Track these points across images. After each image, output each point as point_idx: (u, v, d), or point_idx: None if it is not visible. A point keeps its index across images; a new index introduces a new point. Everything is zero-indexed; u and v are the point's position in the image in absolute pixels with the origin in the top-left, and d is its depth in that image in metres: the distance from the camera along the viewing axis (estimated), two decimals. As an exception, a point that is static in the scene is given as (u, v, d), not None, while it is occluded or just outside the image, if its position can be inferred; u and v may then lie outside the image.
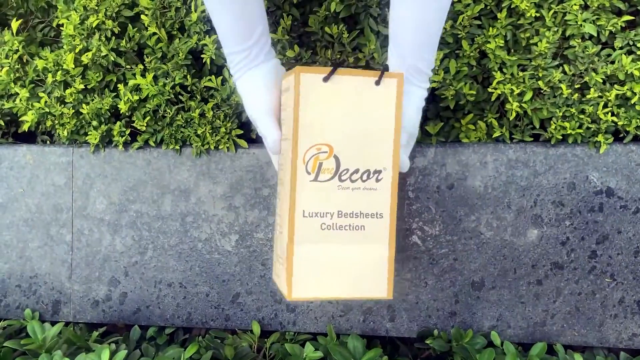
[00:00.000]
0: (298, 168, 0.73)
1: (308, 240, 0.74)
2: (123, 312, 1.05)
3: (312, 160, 0.73)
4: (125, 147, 1.03)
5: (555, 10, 0.92)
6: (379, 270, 0.76)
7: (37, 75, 1.06)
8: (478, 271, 0.97)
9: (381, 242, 0.76)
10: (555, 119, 0.92)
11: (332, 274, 0.75)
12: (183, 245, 1.03)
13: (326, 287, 0.75)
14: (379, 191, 0.75)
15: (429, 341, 0.94)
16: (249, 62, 0.80)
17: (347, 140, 0.74)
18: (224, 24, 0.78)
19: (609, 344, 0.95)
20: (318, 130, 0.73)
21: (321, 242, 0.74)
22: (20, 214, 1.07)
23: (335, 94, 0.73)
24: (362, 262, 0.76)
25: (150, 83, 0.98)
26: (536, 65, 0.92)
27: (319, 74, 0.72)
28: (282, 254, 0.76)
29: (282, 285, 0.77)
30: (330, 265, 0.75)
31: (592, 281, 0.94)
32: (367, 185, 0.75)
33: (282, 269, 0.76)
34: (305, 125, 0.72)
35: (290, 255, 0.73)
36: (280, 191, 0.80)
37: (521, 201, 0.94)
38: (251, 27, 0.78)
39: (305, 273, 0.74)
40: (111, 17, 1.00)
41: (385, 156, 0.75)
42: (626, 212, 0.93)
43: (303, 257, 0.73)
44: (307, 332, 1.02)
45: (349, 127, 0.74)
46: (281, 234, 0.77)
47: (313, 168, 0.73)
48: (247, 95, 0.81)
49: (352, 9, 0.96)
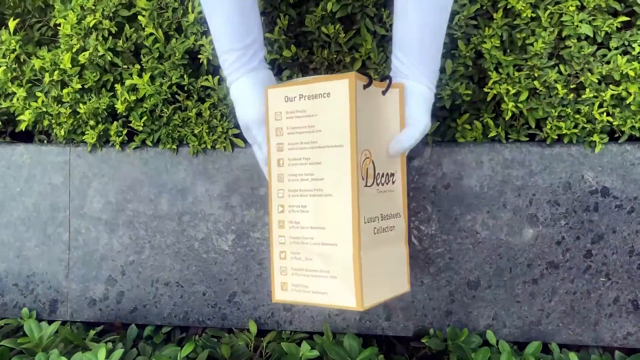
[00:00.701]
0: (357, 175, 0.72)
1: (368, 246, 0.73)
2: (120, 311, 1.05)
3: (363, 166, 0.73)
4: (122, 147, 1.03)
5: (551, 10, 0.92)
6: (402, 267, 0.82)
7: (34, 75, 1.06)
8: (474, 270, 0.97)
9: (403, 240, 0.82)
10: (551, 119, 0.92)
11: (382, 276, 0.77)
12: (180, 245, 1.03)
13: (381, 289, 0.76)
14: (395, 192, 0.80)
15: (424, 340, 0.94)
16: (242, 65, 0.79)
17: (377, 146, 0.76)
18: (220, 21, 0.78)
19: (604, 343, 0.95)
20: (364, 137, 0.73)
21: (376, 246, 0.75)
22: (17, 213, 1.07)
23: (366, 101, 0.73)
24: (395, 261, 0.80)
25: (147, 83, 0.98)
26: (532, 65, 0.92)
27: (361, 82, 0.72)
28: (331, 265, 0.73)
29: (337, 297, 0.73)
30: (380, 267, 0.76)
31: (587, 280, 0.95)
32: (389, 187, 0.79)
33: (336, 281, 0.73)
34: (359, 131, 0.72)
35: (358, 263, 0.71)
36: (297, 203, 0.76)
37: (517, 201, 0.95)
38: (247, 27, 0.78)
39: (369, 279, 0.73)
40: (108, 17, 1.01)
41: (395, 159, 0.80)
42: (621, 211, 0.93)
43: (366, 263, 0.72)
44: (304, 331, 1.02)
45: (375, 133, 0.75)
46: (331, 246, 0.73)
47: (364, 174, 0.73)
48: (243, 101, 0.80)
49: (348, 9, 0.96)
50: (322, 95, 0.73)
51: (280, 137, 0.76)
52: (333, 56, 0.99)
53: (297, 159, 0.75)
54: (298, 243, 0.75)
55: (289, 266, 0.76)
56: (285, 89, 0.75)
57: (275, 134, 0.76)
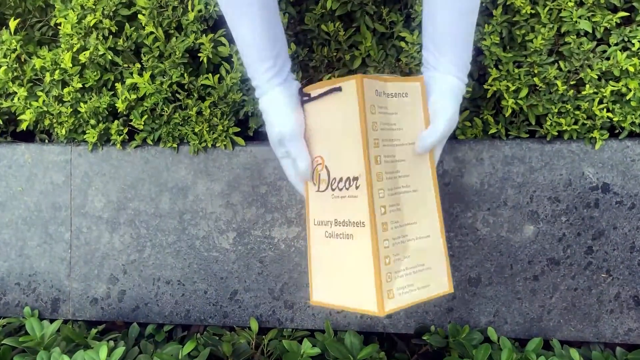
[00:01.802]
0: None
1: None
2: (121, 309, 1.06)
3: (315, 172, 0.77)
4: (123, 146, 1.03)
5: (550, 7, 0.92)
6: (368, 282, 0.71)
7: (35, 74, 1.06)
8: (474, 267, 0.97)
9: (365, 252, 0.71)
10: (551, 116, 0.92)
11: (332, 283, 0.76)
12: (181, 243, 1.03)
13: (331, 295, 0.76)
14: (358, 198, 0.72)
15: (426, 337, 0.94)
16: (274, 76, 0.76)
17: (331, 151, 0.75)
18: (248, 31, 0.75)
19: (605, 339, 0.95)
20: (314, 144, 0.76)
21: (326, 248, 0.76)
22: (19, 212, 1.07)
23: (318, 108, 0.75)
24: (354, 273, 0.72)
25: (147, 81, 0.98)
26: (532, 61, 0.92)
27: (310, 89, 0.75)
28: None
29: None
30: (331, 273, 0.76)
31: (588, 277, 0.95)
32: (350, 193, 0.73)
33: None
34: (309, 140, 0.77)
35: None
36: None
37: (517, 197, 0.95)
38: (274, 35, 0.76)
39: None
40: (108, 16, 1.01)
41: (358, 162, 0.71)
42: (622, 207, 0.93)
43: None
44: (305, 329, 1.02)
45: (331, 137, 0.75)
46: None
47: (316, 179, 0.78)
48: (276, 113, 0.77)
49: (348, 7, 0.96)
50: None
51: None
52: (333, 54, 0.99)
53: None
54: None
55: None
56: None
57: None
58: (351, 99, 0.71)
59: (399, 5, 0.99)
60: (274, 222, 1.00)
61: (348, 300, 0.73)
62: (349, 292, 0.73)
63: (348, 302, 0.73)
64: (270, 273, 1.01)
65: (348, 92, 0.72)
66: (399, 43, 0.96)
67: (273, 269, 1.01)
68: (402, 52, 0.96)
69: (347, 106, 0.72)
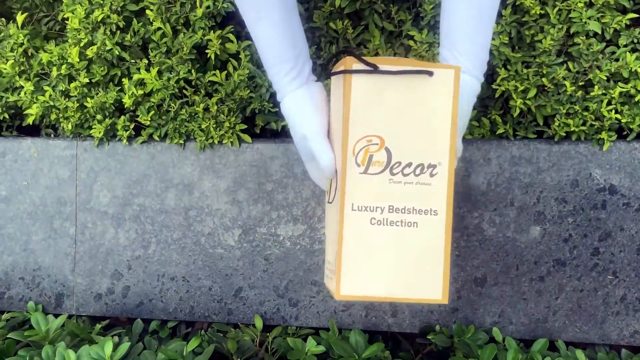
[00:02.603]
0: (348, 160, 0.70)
1: None
2: (126, 305, 1.06)
3: (362, 152, 0.70)
4: (129, 141, 1.03)
5: (559, 7, 0.92)
6: (434, 270, 0.71)
7: (41, 69, 1.06)
8: (480, 267, 0.97)
9: (434, 241, 0.71)
10: (559, 116, 0.92)
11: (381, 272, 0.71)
12: (186, 239, 1.03)
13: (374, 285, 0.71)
14: (433, 186, 0.72)
15: (430, 337, 0.94)
16: (297, 76, 0.76)
17: (399, 133, 0.71)
18: (268, 31, 0.74)
19: (611, 341, 0.95)
20: (368, 122, 0.70)
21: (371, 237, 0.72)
22: (24, 206, 1.07)
23: (387, 85, 0.70)
24: (415, 261, 0.71)
25: (154, 77, 0.98)
26: (540, 62, 0.92)
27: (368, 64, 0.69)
28: None
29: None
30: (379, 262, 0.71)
31: (594, 278, 0.95)
32: (421, 180, 0.72)
33: None
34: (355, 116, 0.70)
35: None
36: None
37: (524, 198, 0.95)
38: (295, 35, 0.75)
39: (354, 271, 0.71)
40: (116, 11, 1.01)
41: (440, 150, 0.71)
42: (629, 209, 0.93)
43: None
44: (309, 327, 1.02)
45: (401, 119, 0.71)
46: None
47: (363, 160, 0.71)
48: (302, 112, 0.76)
49: (356, 5, 0.96)
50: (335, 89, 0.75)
51: None
52: (341, 52, 0.98)
53: None
54: None
55: None
56: None
57: None
58: (443, 88, 0.70)
59: (408, 4, 0.99)
60: (280, 219, 1.00)
61: (402, 291, 0.71)
62: (405, 282, 0.71)
63: (402, 293, 0.71)
64: (275, 270, 1.01)
65: (440, 80, 0.70)
66: (408, 42, 0.96)
67: (278, 266, 1.01)
68: (410, 51, 0.96)
69: (437, 93, 0.70)
